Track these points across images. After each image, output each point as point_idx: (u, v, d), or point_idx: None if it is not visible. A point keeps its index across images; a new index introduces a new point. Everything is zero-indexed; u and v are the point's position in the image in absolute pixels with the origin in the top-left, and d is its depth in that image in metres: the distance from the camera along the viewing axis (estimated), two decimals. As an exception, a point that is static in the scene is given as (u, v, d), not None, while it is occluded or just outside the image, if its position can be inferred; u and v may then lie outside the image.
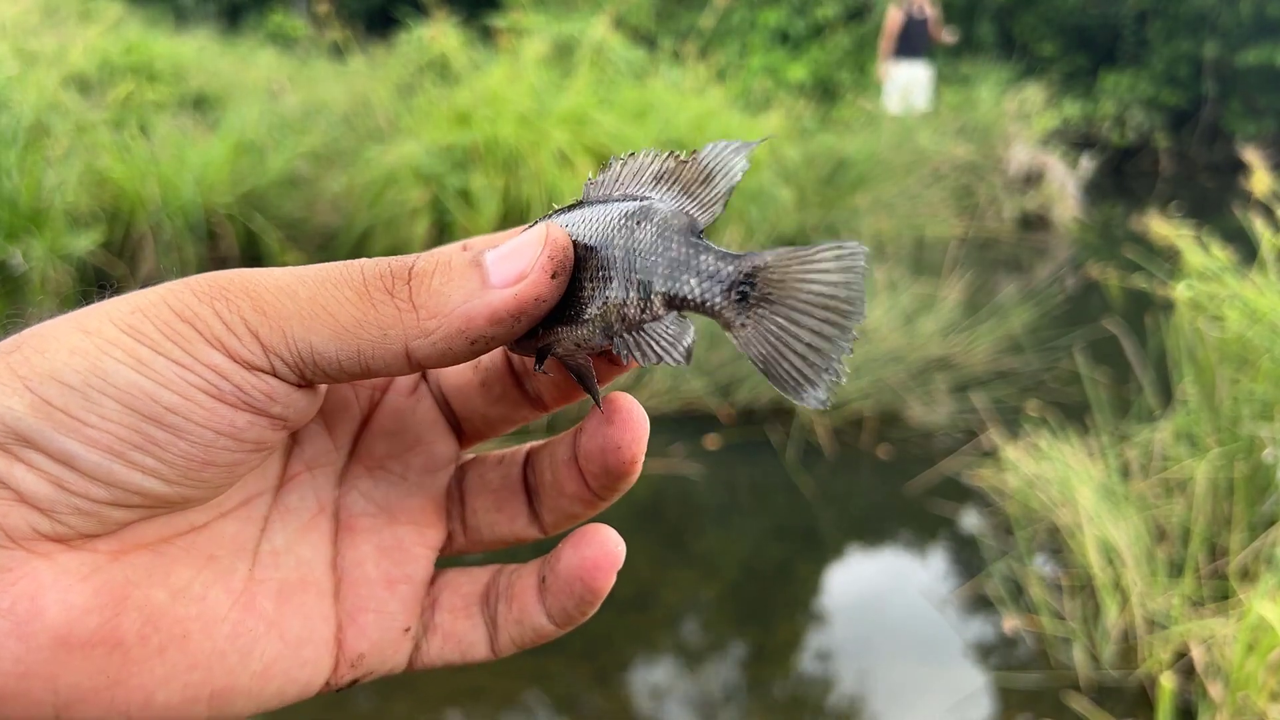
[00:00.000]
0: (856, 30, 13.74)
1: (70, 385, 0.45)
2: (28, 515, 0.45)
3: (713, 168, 0.52)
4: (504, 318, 0.49)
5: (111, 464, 0.46)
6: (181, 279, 0.49)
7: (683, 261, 0.51)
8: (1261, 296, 3.41)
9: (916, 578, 3.62)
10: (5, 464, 0.45)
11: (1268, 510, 3.11)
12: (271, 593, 0.55)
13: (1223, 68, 14.16)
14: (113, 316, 0.47)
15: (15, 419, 0.44)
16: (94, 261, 5.60)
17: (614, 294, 0.52)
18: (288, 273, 0.49)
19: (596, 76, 7.42)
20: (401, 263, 0.50)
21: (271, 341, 0.47)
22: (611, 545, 0.58)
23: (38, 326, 0.48)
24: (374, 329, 0.48)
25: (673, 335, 0.51)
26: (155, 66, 8.01)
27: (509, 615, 0.60)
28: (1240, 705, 2.51)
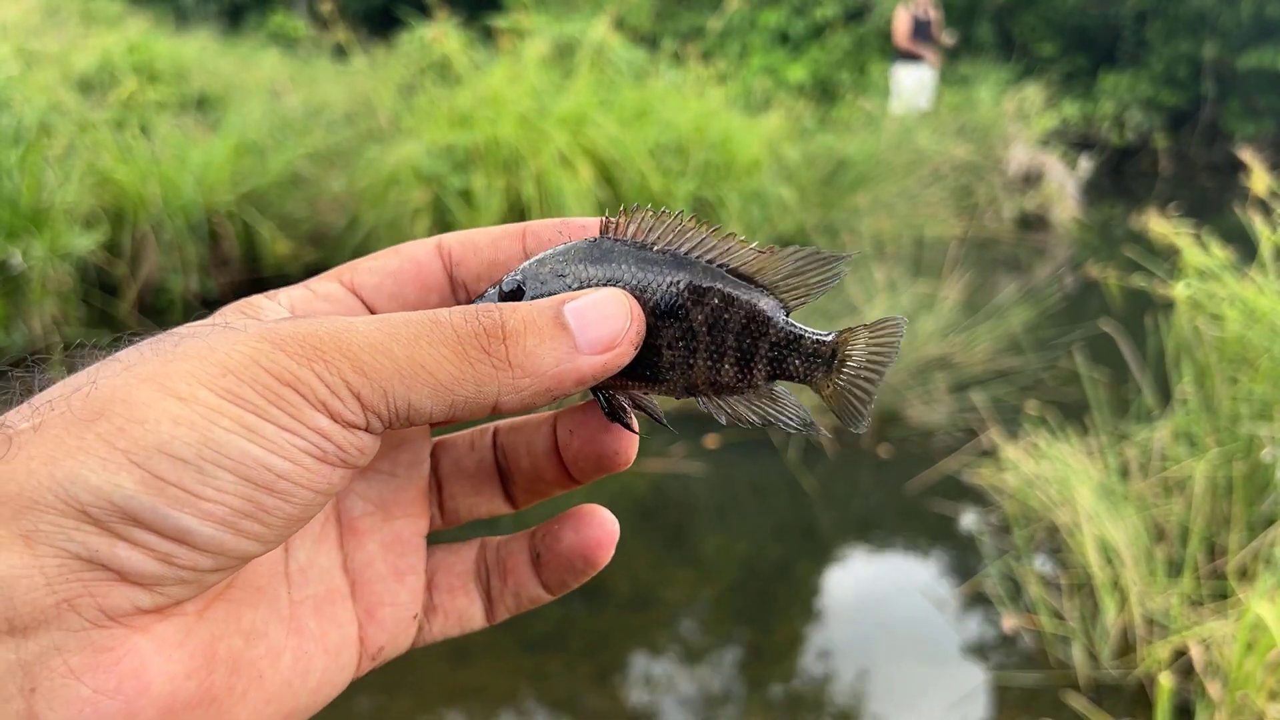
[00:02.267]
0: (856, 31, 13.74)
1: (183, 459, 0.43)
2: (129, 593, 0.44)
3: (801, 265, 0.60)
4: (589, 381, 0.53)
5: (223, 535, 0.45)
6: (257, 331, 0.47)
7: (786, 344, 0.60)
8: (1261, 296, 3.42)
9: (916, 577, 3.63)
10: (106, 544, 0.43)
11: (1266, 510, 3.11)
12: (311, 610, 0.58)
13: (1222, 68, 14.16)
14: (202, 380, 0.45)
15: (126, 497, 0.42)
16: (94, 261, 5.60)
17: (701, 363, 0.59)
18: (376, 328, 0.49)
19: (597, 77, 7.42)
20: (492, 320, 0.51)
21: (372, 401, 0.47)
22: (610, 525, 0.64)
23: (103, 386, 0.45)
24: (470, 385, 0.49)
25: (783, 405, 0.61)
26: (156, 67, 8.02)
27: (504, 588, 0.65)
28: (1239, 704, 2.52)
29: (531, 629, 3.22)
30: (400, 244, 0.63)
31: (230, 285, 6.27)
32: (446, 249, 0.62)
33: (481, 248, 0.62)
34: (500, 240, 0.62)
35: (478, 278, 0.62)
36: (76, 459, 0.42)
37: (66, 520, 0.42)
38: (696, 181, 6.59)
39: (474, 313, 0.51)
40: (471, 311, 0.51)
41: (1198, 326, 3.56)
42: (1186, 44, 14.17)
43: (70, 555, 0.42)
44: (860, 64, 13.42)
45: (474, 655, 3.06)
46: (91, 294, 5.63)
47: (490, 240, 0.62)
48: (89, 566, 0.43)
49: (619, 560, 3.06)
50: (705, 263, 0.59)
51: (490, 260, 0.62)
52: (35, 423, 0.44)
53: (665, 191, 6.30)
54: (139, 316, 5.72)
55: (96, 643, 0.43)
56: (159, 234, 5.90)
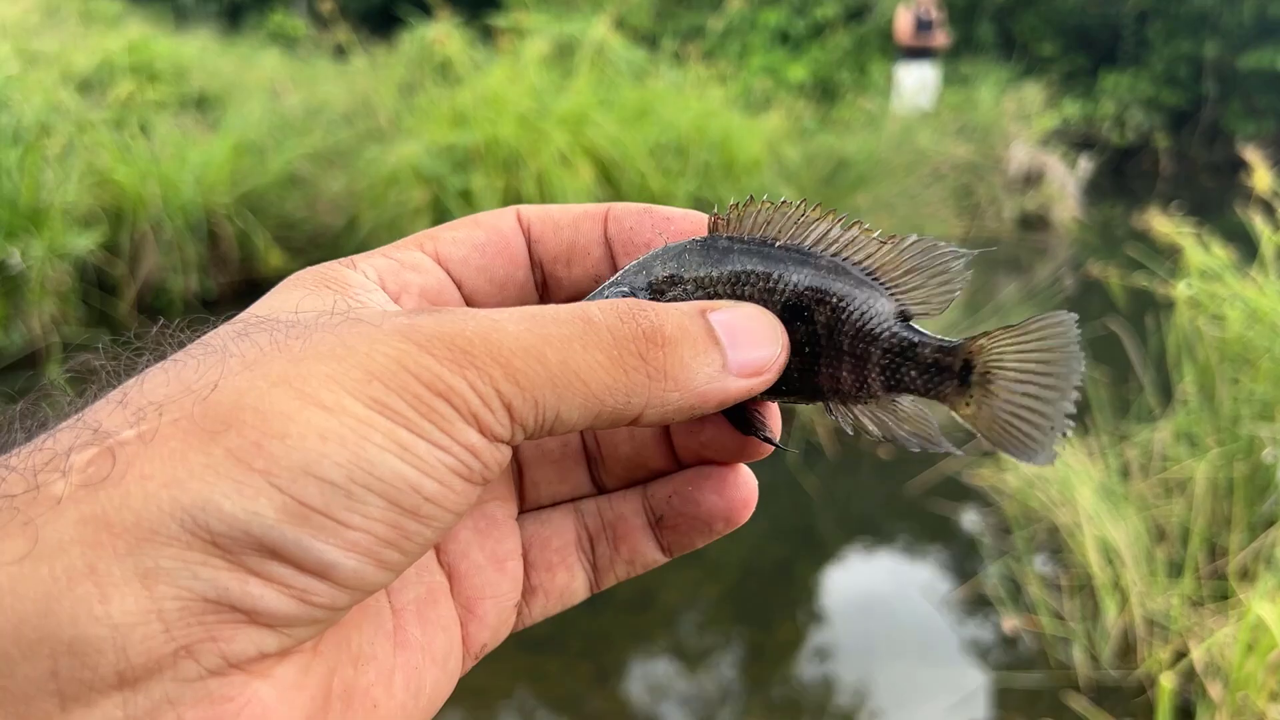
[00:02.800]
0: (856, 30, 13.74)
1: (332, 482, 0.38)
2: (257, 637, 0.38)
3: (921, 261, 0.54)
4: (731, 403, 0.50)
5: (366, 568, 0.40)
6: (395, 328, 0.42)
7: (898, 351, 0.54)
8: (1262, 296, 3.41)
9: (916, 577, 3.62)
10: (238, 582, 0.37)
11: (1267, 510, 3.10)
12: (414, 616, 0.53)
13: (1223, 68, 14.15)
14: (346, 386, 0.39)
15: (265, 528, 0.37)
16: (94, 261, 5.60)
17: (824, 369, 0.54)
18: (524, 327, 0.44)
19: (597, 77, 7.41)
20: (650, 323, 0.47)
21: (522, 413, 0.43)
22: (753, 483, 0.60)
23: (226, 389, 0.39)
24: (621, 395, 0.45)
25: (902, 419, 0.55)
26: (156, 66, 8.01)
27: (615, 555, 0.60)
28: (1240, 705, 2.51)
29: (531, 629, 3.20)
30: (477, 214, 0.59)
31: (230, 285, 6.27)
32: (526, 223, 0.58)
33: (562, 227, 0.58)
34: (581, 221, 0.58)
35: (554, 259, 0.58)
36: (206, 481, 0.36)
37: (193, 554, 0.36)
38: (697, 181, 6.58)
39: (628, 313, 0.47)
40: (625, 311, 0.47)
41: (1199, 326, 3.56)
42: (1187, 44, 14.17)
43: (195, 596, 0.36)
44: (861, 64, 13.41)
45: (473, 656, 3.05)
46: (90, 294, 5.62)
47: (571, 220, 0.58)
48: (215, 608, 0.37)
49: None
50: (830, 257, 0.54)
51: (570, 242, 0.58)
52: (141, 430, 0.38)
53: (665, 191, 6.29)
54: (138, 316, 5.72)
55: (214, 693, 0.38)
56: (158, 234, 5.89)
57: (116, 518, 0.35)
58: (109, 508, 0.36)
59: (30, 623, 0.34)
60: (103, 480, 0.36)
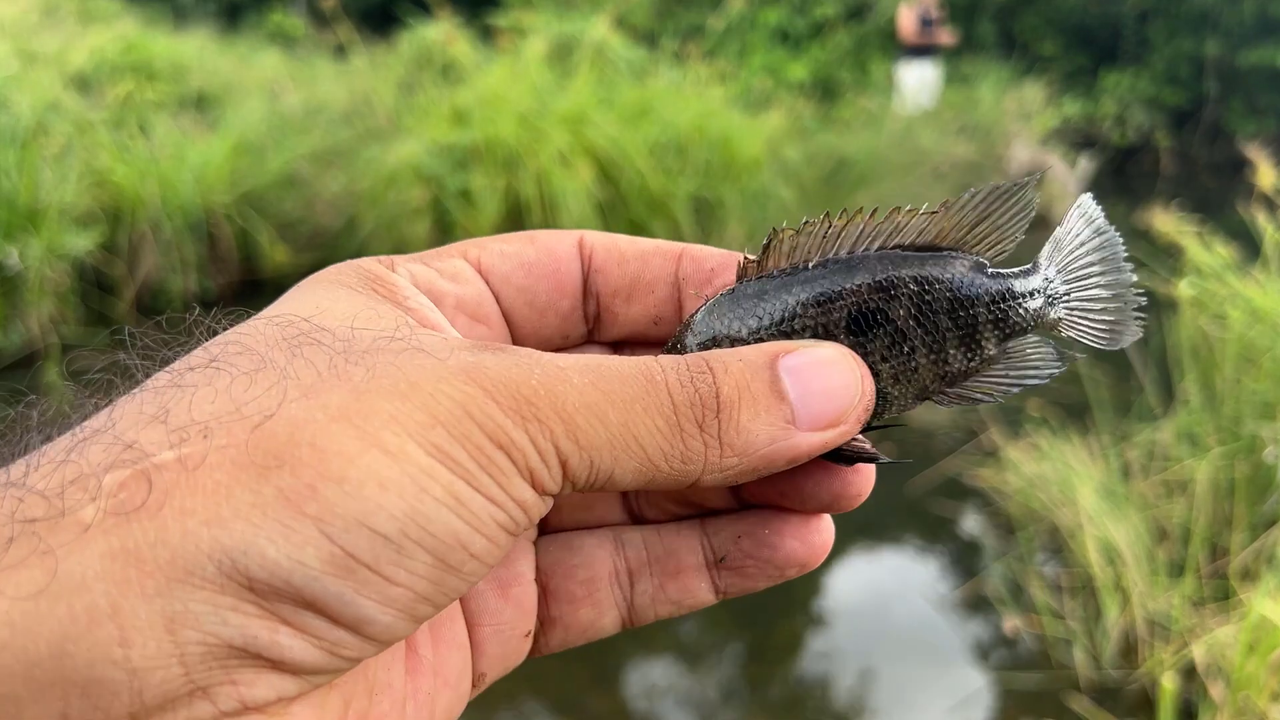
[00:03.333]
0: (857, 30, 13.73)
1: (385, 535, 0.36)
2: (278, 683, 0.36)
3: (983, 208, 0.52)
4: (804, 460, 0.47)
5: (399, 623, 0.38)
6: (460, 366, 0.40)
7: (1000, 295, 0.52)
8: (1264, 295, 3.40)
9: (917, 578, 3.61)
10: (268, 631, 0.35)
11: (1269, 510, 3.09)
12: (427, 638, 0.50)
13: (1224, 67, 14.14)
14: (410, 429, 0.37)
15: (307, 579, 0.35)
16: (92, 261, 5.59)
17: (923, 360, 0.52)
18: (589, 380, 0.42)
19: (597, 76, 7.41)
20: (706, 383, 0.44)
21: (576, 471, 0.41)
22: (831, 528, 0.57)
23: (282, 419, 0.36)
24: (677, 461, 0.43)
25: (1029, 359, 0.53)
26: (155, 66, 8.01)
27: (662, 594, 0.56)
28: (1241, 706, 2.50)
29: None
30: (538, 231, 0.56)
31: (229, 285, 6.27)
32: (588, 250, 0.55)
33: (628, 260, 0.55)
34: (651, 257, 0.55)
35: (614, 292, 0.55)
36: (251, 522, 0.34)
37: (224, 599, 0.34)
38: (697, 181, 6.58)
39: (688, 372, 0.44)
40: (684, 370, 0.44)
41: (1201, 326, 3.55)
42: (1188, 42, 14.16)
43: (221, 642, 0.34)
44: (861, 63, 13.40)
45: (472, 657, 3.04)
46: (89, 294, 5.61)
47: (639, 254, 0.55)
48: (239, 654, 0.35)
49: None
50: (876, 252, 0.52)
51: (635, 276, 0.55)
52: (184, 454, 0.35)
53: (665, 191, 6.29)
54: (137, 316, 5.71)
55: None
56: (157, 233, 5.89)
57: (150, 554, 0.33)
58: (142, 542, 0.33)
59: (43, 665, 0.32)
60: (137, 509, 0.34)
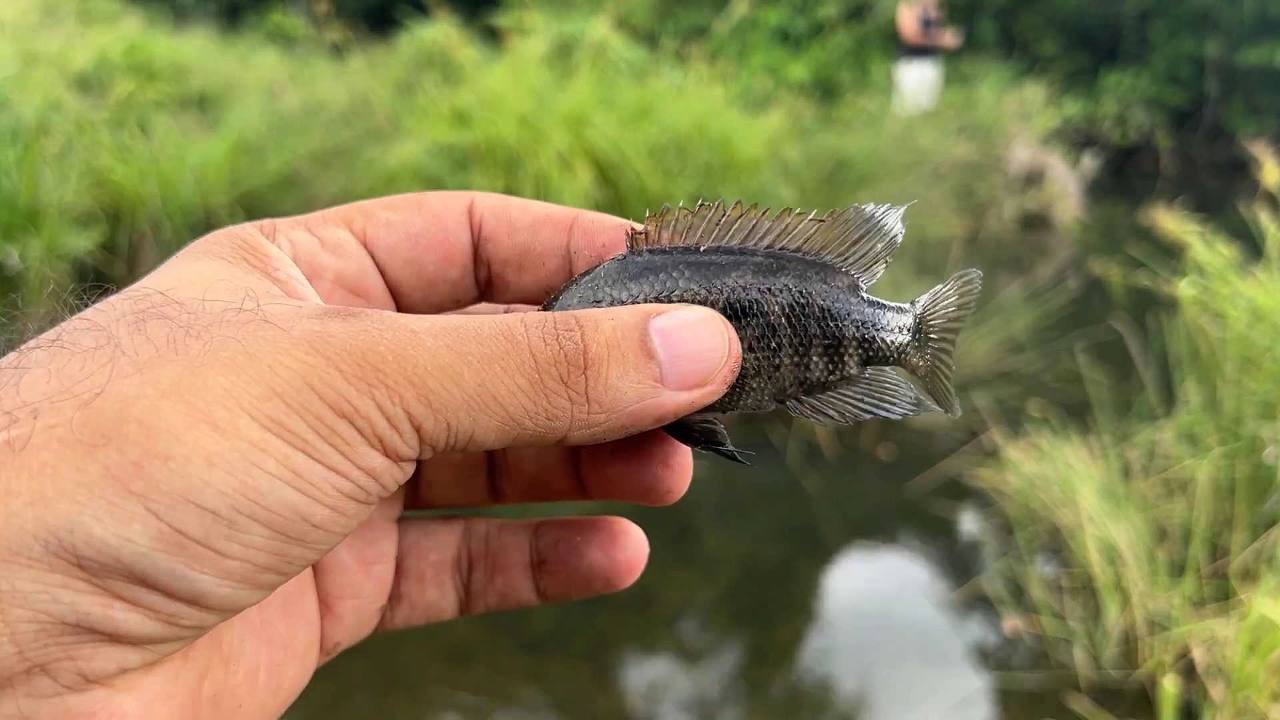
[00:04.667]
0: (857, 29, 13.72)
1: (215, 511, 0.35)
2: (118, 654, 0.36)
3: (862, 229, 0.53)
4: (670, 419, 0.46)
5: (240, 593, 0.38)
6: (304, 336, 0.39)
7: (870, 321, 0.53)
8: (1265, 295, 3.39)
9: (917, 578, 3.61)
10: (100, 607, 0.35)
11: (1269, 510, 3.09)
12: (280, 610, 0.51)
13: (1224, 66, 14.13)
14: (243, 403, 0.36)
15: (136, 555, 0.34)
16: (92, 261, 5.59)
17: (787, 360, 0.52)
18: (443, 343, 0.41)
19: (597, 77, 7.41)
20: (573, 341, 0.43)
21: (433, 435, 0.40)
22: (642, 547, 0.57)
23: (111, 396, 0.35)
24: (541, 419, 0.43)
25: (887, 389, 0.54)
26: (155, 66, 8.01)
27: (490, 586, 0.57)
28: (1242, 706, 2.50)
29: (530, 629, 3.20)
30: (426, 195, 0.54)
31: (229, 285, 6.26)
32: (478, 217, 0.53)
33: (518, 229, 0.53)
34: (541, 227, 0.53)
35: (504, 261, 0.54)
36: (76, 501, 0.34)
37: (53, 577, 0.34)
38: (697, 181, 6.57)
39: (553, 330, 0.43)
40: (550, 328, 0.43)
41: (1202, 326, 3.54)
42: (1189, 42, 14.15)
43: (53, 619, 0.34)
44: (861, 63, 13.40)
45: (472, 656, 3.04)
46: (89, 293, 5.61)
47: (530, 224, 0.53)
48: (74, 630, 0.35)
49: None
50: (765, 249, 0.52)
51: (525, 247, 0.53)
52: (12, 436, 0.35)
53: (665, 191, 6.28)
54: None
55: (73, 709, 0.36)
56: (157, 233, 5.89)
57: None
58: None
59: None
60: None
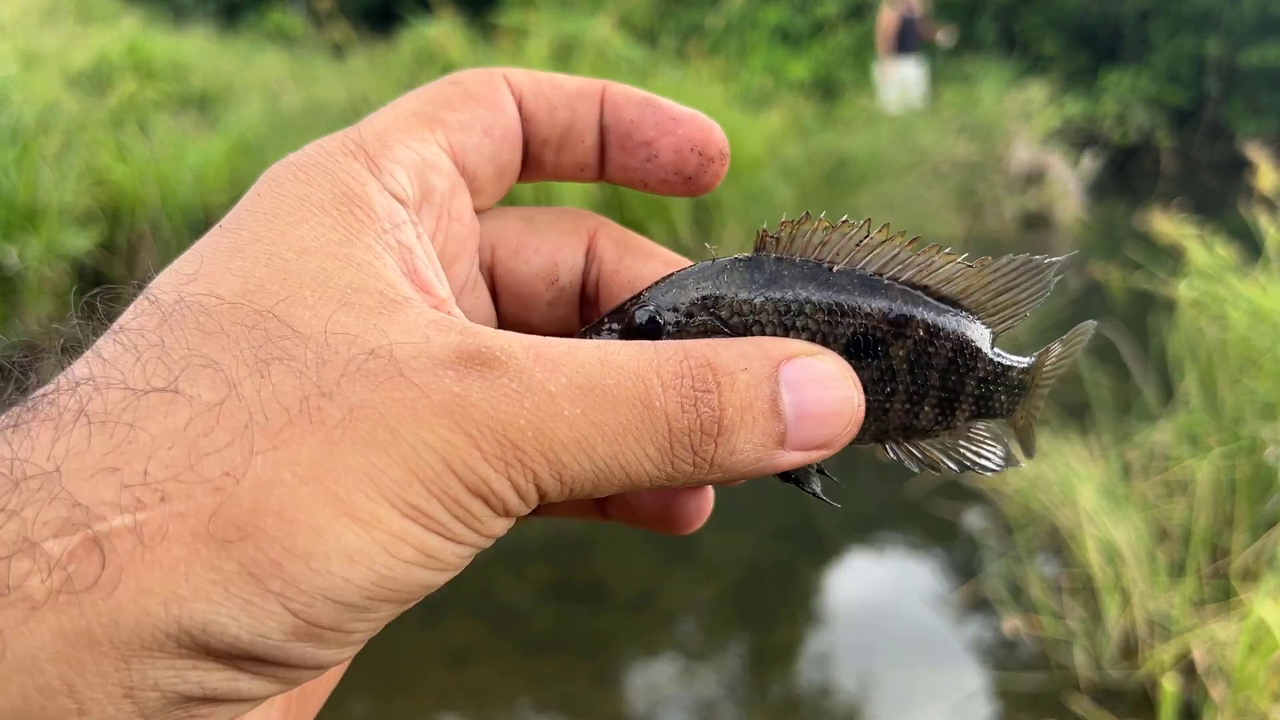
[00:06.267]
0: (857, 29, 13.72)
1: (350, 604, 0.35)
2: (237, 709, 0.37)
3: (1013, 280, 0.50)
4: (773, 474, 0.45)
5: (351, 652, 0.39)
6: (444, 405, 0.37)
7: (992, 378, 0.51)
8: (1265, 296, 3.39)
9: (917, 579, 3.61)
10: (227, 682, 0.35)
11: (1269, 510, 3.09)
12: None
13: (1225, 66, 14.13)
14: (385, 491, 0.35)
15: (270, 648, 0.35)
16: (91, 261, 5.59)
17: (898, 406, 0.50)
18: (579, 411, 0.39)
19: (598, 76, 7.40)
20: (709, 407, 0.42)
21: (552, 496, 0.40)
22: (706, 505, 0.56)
23: (249, 485, 0.34)
24: (661, 480, 0.42)
25: (985, 444, 0.52)
26: (154, 65, 8.01)
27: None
28: (1242, 706, 2.49)
29: (530, 630, 3.20)
30: (464, 79, 0.52)
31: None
32: (517, 94, 0.52)
33: (556, 107, 0.52)
34: (577, 101, 0.52)
35: (544, 141, 0.52)
36: (211, 601, 0.33)
37: (183, 663, 0.33)
38: (697, 180, 6.56)
39: (691, 393, 0.41)
40: (689, 390, 0.41)
41: (1201, 327, 3.54)
42: (1189, 41, 14.15)
43: (179, 695, 0.34)
44: (862, 62, 13.39)
45: (472, 656, 3.04)
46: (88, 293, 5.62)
47: (566, 99, 0.52)
48: (199, 702, 0.35)
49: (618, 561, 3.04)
50: (902, 285, 0.49)
51: (565, 124, 0.52)
52: (139, 521, 0.33)
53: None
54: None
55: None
56: (156, 233, 5.89)
57: (104, 635, 0.32)
58: (95, 623, 0.32)
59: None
60: (89, 587, 0.32)
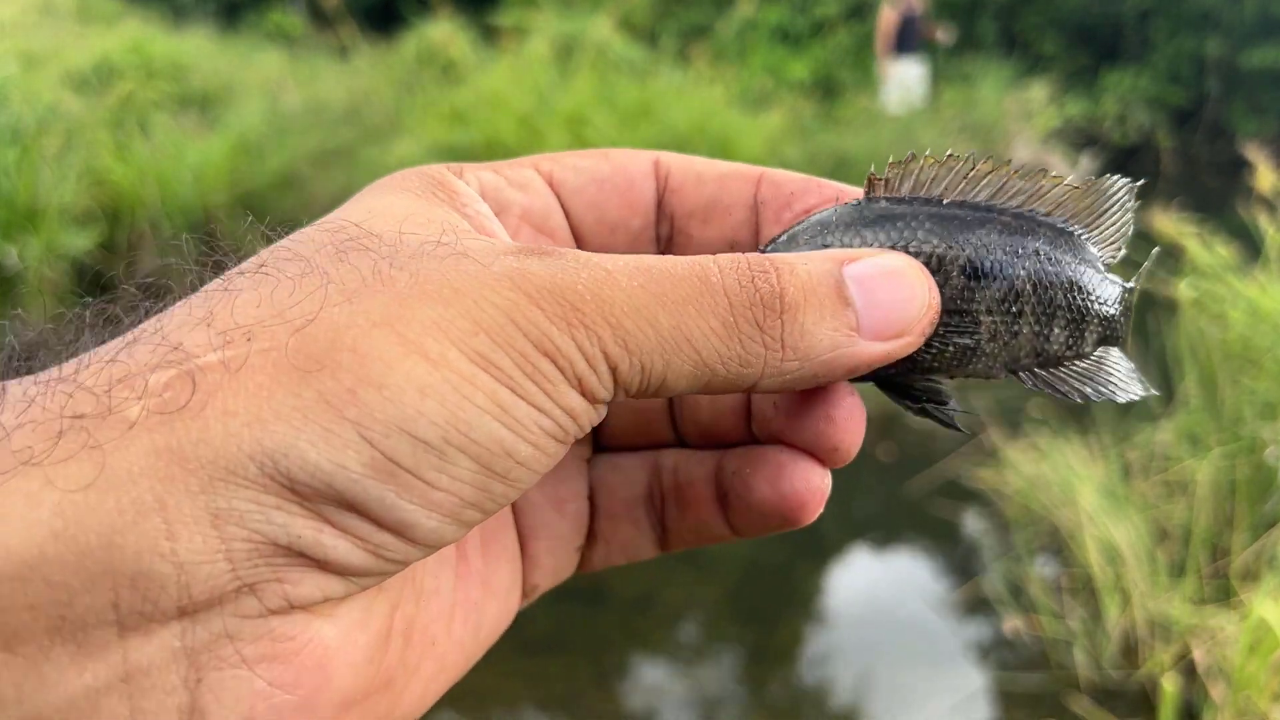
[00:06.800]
0: (857, 29, 13.72)
1: (427, 441, 0.36)
2: (324, 583, 0.37)
3: (1113, 201, 0.51)
4: (864, 370, 0.45)
5: (445, 527, 0.38)
6: (505, 272, 0.39)
7: (1113, 299, 0.51)
8: (1265, 295, 3.39)
9: (917, 579, 3.61)
10: (312, 531, 0.36)
11: (1270, 511, 3.09)
12: (478, 546, 0.50)
13: (1226, 66, 14.13)
14: (452, 336, 0.37)
15: (349, 481, 0.35)
16: (91, 261, 5.59)
17: (1027, 329, 0.49)
18: (638, 283, 0.40)
19: (598, 77, 7.41)
20: (769, 284, 0.43)
21: (627, 377, 0.40)
22: (817, 480, 0.54)
23: (324, 324, 0.36)
24: (735, 364, 0.42)
25: (1118, 371, 0.52)
26: (154, 65, 8.01)
27: (683, 522, 0.56)
28: (1242, 706, 2.50)
29: (531, 630, 3.20)
30: (613, 149, 0.55)
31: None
32: (664, 170, 0.54)
33: (706, 181, 0.53)
34: (729, 180, 0.53)
35: (689, 213, 0.54)
36: (292, 424, 0.34)
37: (268, 499, 0.35)
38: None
39: (748, 271, 0.43)
40: (744, 269, 0.43)
41: (1201, 327, 3.54)
42: (1190, 41, 14.15)
43: (266, 540, 0.35)
44: (862, 62, 13.39)
45: (471, 657, 3.04)
46: (88, 293, 5.62)
47: (717, 176, 0.53)
48: (285, 553, 0.36)
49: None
50: (1013, 209, 0.50)
51: (711, 199, 0.53)
52: (227, 357, 0.35)
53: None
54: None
55: (275, 631, 0.37)
56: (156, 233, 5.89)
57: (192, 452, 0.33)
58: (185, 440, 0.34)
59: (94, 555, 0.33)
60: (180, 408, 0.34)
